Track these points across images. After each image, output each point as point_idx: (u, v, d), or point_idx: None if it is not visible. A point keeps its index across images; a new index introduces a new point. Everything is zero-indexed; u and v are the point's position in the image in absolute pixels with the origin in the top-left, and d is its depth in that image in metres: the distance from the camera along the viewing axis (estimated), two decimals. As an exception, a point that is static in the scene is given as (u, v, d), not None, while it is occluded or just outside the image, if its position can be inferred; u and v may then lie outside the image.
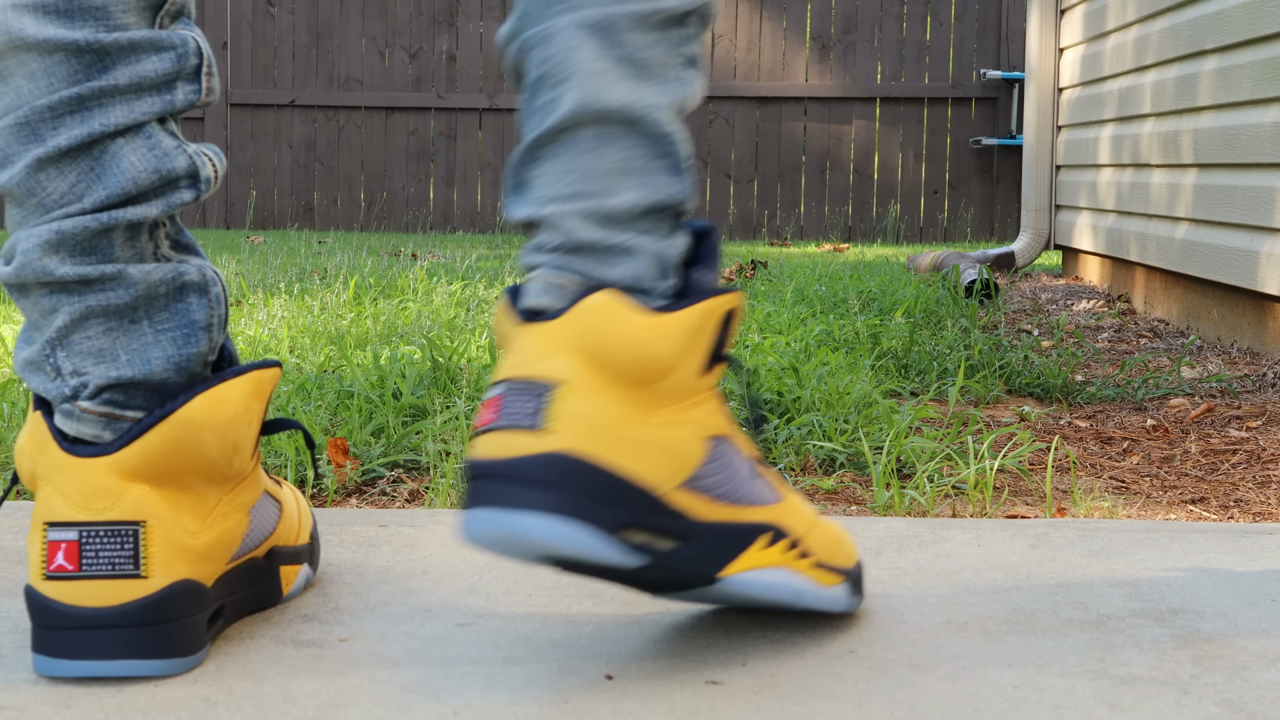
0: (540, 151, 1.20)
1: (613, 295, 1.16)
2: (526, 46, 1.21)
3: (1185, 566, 1.51)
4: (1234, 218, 3.58)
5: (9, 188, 1.19)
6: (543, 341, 1.15)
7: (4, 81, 1.18)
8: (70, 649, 1.16)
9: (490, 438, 1.14)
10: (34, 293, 1.21)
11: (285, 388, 2.51)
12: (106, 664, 1.16)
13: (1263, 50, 3.48)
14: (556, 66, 1.19)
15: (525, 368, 1.15)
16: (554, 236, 1.18)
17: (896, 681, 1.17)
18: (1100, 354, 3.55)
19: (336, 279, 4.71)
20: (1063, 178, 5.71)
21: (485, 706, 1.12)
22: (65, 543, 1.16)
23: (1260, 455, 2.36)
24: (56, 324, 1.20)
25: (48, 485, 1.17)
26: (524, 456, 1.12)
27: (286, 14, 9.26)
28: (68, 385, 1.20)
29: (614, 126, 1.19)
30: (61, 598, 1.16)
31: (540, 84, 1.20)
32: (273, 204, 9.32)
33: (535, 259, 1.19)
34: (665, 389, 1.17)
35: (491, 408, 1.15)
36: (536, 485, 1.11)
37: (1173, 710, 1.12)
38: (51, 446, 1.17)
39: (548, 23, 1.19)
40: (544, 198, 1.20)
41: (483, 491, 1.13)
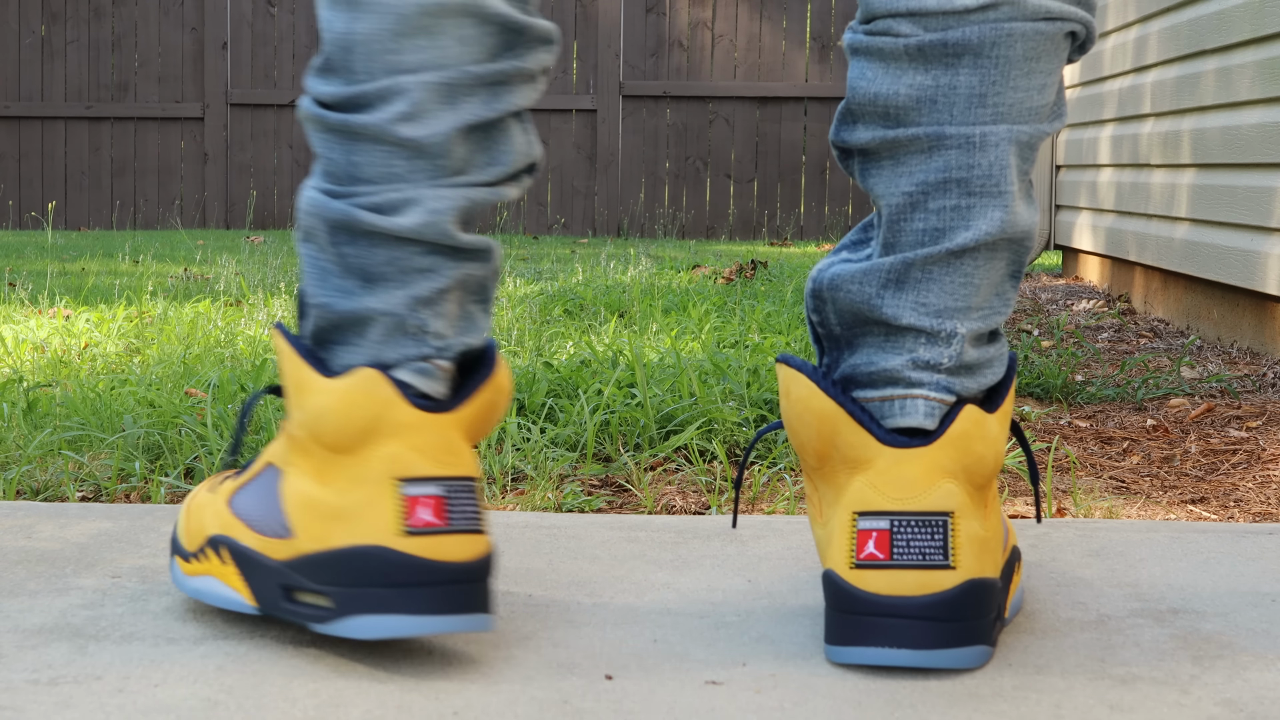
0: (942, 259, 1.21)
1: (975, 409, 1.21)
2: (942, 139, 1.20)
3: (1185, 566, 1.51)
4: (1234, 217, 3.58)
5: (424, 142, 1.18)
6: (929, 470, 1.18)
7: (431, 36, 1.18)
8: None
9: (894, 575, 1.18)
10: (409, 248, 1.19)
11: (285, 388, 2.51)
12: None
13: (1263, 50, 3.48)
14: (980, 177, 1.20)
15: (916, 501, 1.18)
16: (944, 355, 1.21)
17: (897, 682, 1.17)
18: (1100, 354, 3.55)
19: (337, 279, 4.70)
20: (1063, 178, 5.71)
21: (485, 706, 1.12)
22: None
23: (1260, 455, 2.36)
24: (431, 285, 1.19)
25: (397, 441, 1.16)
26: (939, 595, 1.17)
27: (286, 14, 9.26)
28: (429, 345, 1.20)
29: (1008, 246, 1.22)
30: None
31: (947, 186, 1.20)
32: (273, 204, 9.32)
33: (916, 375, 1.21)
34: (993, 482, 1.24)
35: (881, 542, 1.18)
36: (952, 621, 1.17)
37: (1173, 710, 1.12)
38: (399, 403, 1.16)
39: (978, 128, 1.20)
40: (935, 308, 1.21)
41: (894, 630, 1.17)
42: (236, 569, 1.24)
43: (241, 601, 1.24)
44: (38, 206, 9.20)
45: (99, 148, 9.22)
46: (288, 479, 1.22)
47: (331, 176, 1.21)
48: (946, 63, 1.19)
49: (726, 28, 9.15)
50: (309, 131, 1.22)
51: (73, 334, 3.41)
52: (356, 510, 1.17)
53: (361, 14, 1.18)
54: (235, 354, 3.04)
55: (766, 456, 2.21)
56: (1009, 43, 1.19)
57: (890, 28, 1.20)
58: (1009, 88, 1.20)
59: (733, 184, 9.21)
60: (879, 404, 1.21)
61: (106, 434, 2.22)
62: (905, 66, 1.20)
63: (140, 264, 5.84)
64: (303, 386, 1.19)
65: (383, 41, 1.17)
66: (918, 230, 1.21)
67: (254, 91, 9.25)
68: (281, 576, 1.21)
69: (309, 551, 1.19)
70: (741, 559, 1.53)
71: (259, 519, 1.24)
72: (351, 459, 1.17)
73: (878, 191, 1.23)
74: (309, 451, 1.19)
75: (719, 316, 3.71)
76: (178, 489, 2.03)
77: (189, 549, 1.30)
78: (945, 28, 1.19)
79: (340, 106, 1.19)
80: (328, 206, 1.19)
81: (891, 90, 1.20)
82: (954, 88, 1.19)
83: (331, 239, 1.19)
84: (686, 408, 2.35)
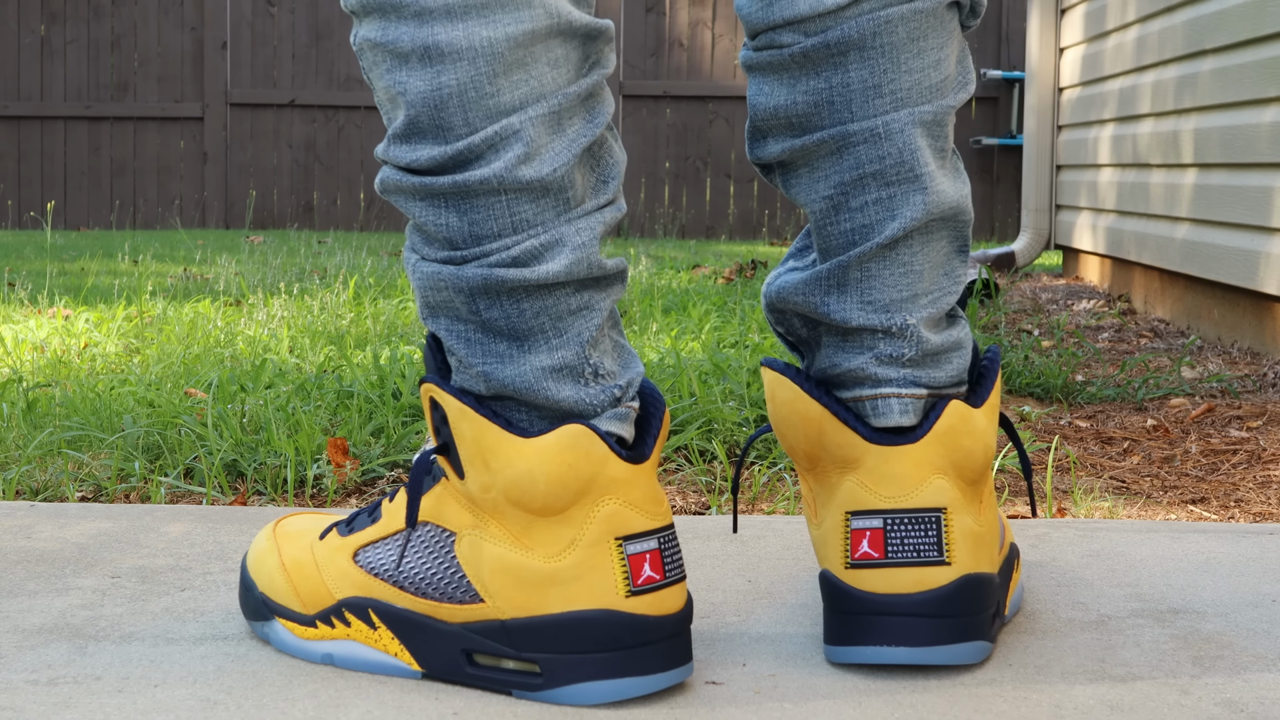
0: (876, 254, 1.20)
1: (960, 404, 1.20)
2: (847, 138, 1.19)
3: (1185, 566, 1.51)
4: (1234, 217, 3.58)
5: (549, 180, 1.11)
6: (918, 466, 1.18)
7: (526, 69, 1.11)
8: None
9: (889, 573, 1.17)
10: (560, 292, 1.13)
11: (285, 388, 2.51)
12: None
13: (1263, 50, 3.48)
14: (892, 166, 1.20)
15: (907, 498, 1.18)
16: (905, 347, 1.21)
17: (897, 682, 1.17)
18: (1100, 354, 3.55)
19: (336, 279, 4.71)
20: (1063, 178, 5.71)
21: (485, 706, 1.12)
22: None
23: (1261, 455, 2.36)
24: (592, 324, 1.14)
25: (612, 498, 1.11)
26: (935, 591, 1.17)
27: (286, 14, 9.26)
28: (609, 390, 1.15)
29: (942, 225, 1.22)
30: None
31: (864, 181, 1.20)
32: (272, 204, 9.32)
33: (883, 372, 1.20)
34: (987, 477, 1.23)
35: (875, 541, 1.18)
36: (950, 617, 1.17)
37: (1173, 710, 1.12)
38: (612, 458, 1.11)
39: (879, 118, 1.19)
40: (882, 303, 1.21)
41: (891, 628, 1.17)
42: (393, 633, 1.18)
43: (403, 667, 1.17)
44: (37, 206, 9.20)
45: (98, 147, 9.22)
46: (469, 542, 1.14)
47: (446, 243, 1.13)
48: (834, 62, 1.19)
49: (726, 28, 9.14)
50: (403, 201, 1.13)
51: (72, 334, 3.41)
52: (575, 575, 1.11)
53: (446, 66, 1.10)
54: (235, 354, 3.03)
55: (767, 456, 2.21)
56: (890, 29, 1.19)
57: (774, 40, 1.21)
58: (901, 72, 1.19)
59: (733, 184, 9.21)
60: (859, 404, 1.21)
61: (106, 434, 2.22)
62: (796, 74, 1.20)
63: (140, 264, 5.84)
64: (495, 450, 1.11)
65: (479, 87, 1.10)
66: (845, 230, 1.21)
67: (254, 91, 9.25)
68: (463, 641, 1.15)
69: (509, 618, 1.13)
70: (741, 559, 1.53)
71: (417, 582, 1.16)
72: (561, 521, 1.11)
73: (801, 200, 1.24)
74: (502, 515, 1.12)
75: (719, 316, 3.71)
76: (177, 489, 2.03)
77: (308, 613, 1.22)
78: (824, 29, 1.19)
79: (443, 169, 1.12)
80: (460, 276, 1.12)
81: (789, 100, 1.21)
82: (847, 85, 1.19)
83: (471, 307, 1.12)
84: (686, 408, 2.35)
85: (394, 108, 1.13)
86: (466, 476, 1.13)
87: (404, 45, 1.10)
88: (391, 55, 1.11)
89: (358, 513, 1.25)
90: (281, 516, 1.34)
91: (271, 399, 2.39)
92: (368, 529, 1.21)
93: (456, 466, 1.14)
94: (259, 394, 2.44)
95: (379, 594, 1.18)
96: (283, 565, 1.25)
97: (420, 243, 1.15)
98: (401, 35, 1.10)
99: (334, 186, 9.31)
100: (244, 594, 1.28)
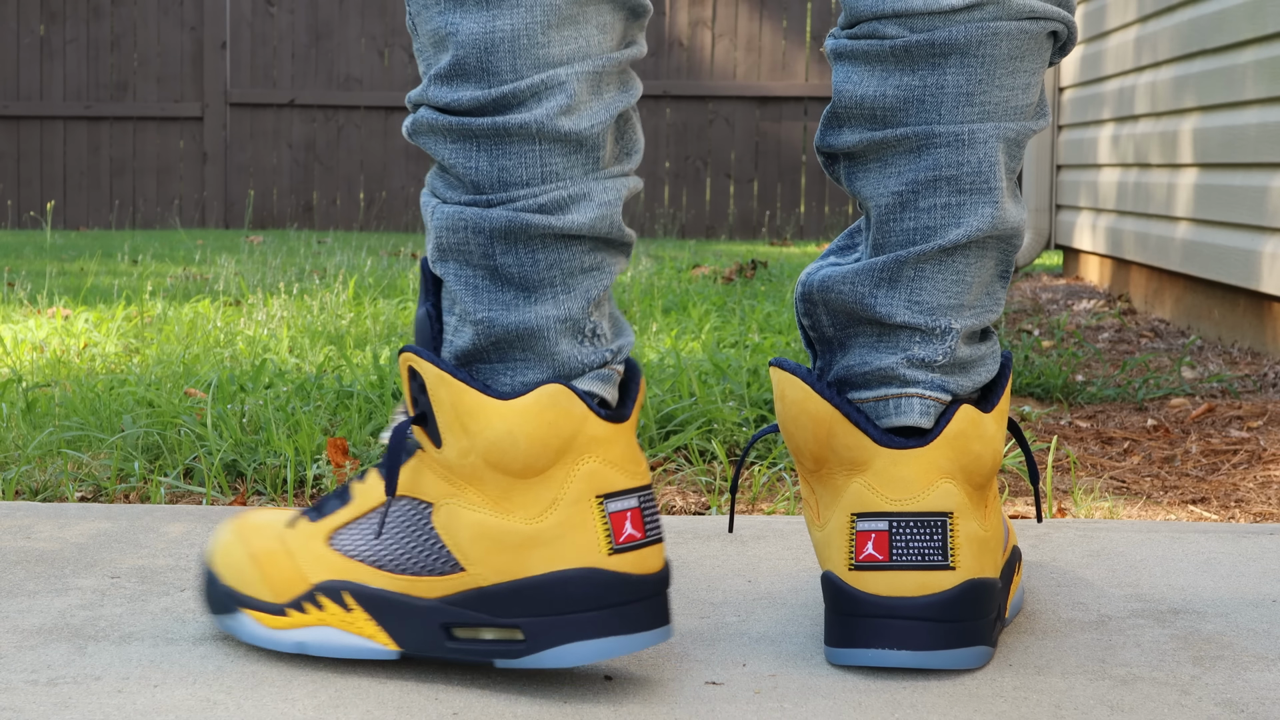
0: (934, 256, 1.21)
1: (971, 409, 1.20)
2: (931, 138, 1.20)
3: (1185, 566, 1.51)
4: (1234, 217, 3.58)
5: (585, 135, 1.13)
6: (927, 470, 1.18)
7: (577, 26, 1.13)
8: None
9: (893, 576, 1.17)
10: (577, 247, 1.14)
11: (285, 388, 2.51)
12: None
13: (1263, 50, 3.48)
14: (969, 174, 1.20)
15: (914, 501, 1.18)
16: (939, 352, 1.21)
17: (897, 682, 1.17)
18: (1101, 354, 3.54)
19: (336, 279, 4.71)
20: (1063, 177, 5.71)
21: (485, 706, 1.12)
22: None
23: (1261, 455, 2.36)
24: (600, 284, 1.15)
25: (592, 457, 1.12)
26: (938, 595, 1.17)
27: (286, 14, 9.26)
28: (604, 350, 1.16)
29: (996, 244, 1.23)
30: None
31: (937, 184, 1.20)
32: (272, 204, 9.31)
33: (911, 373, 1.21)
34: (993, 481, 1.23)
35: (880, 543, 1.18)
36: (952, 622, 1.17)
37: (1173, 711, 1.12)
38: (591, 417, 1.12)
39: (966, 125, 1.20)
40: (929, 305, 1.21)
41: (893, 631, 1.17)
42: (368, 614, 1.17)
43: (377, 648, 1.17)
44: (37, 206, 9.20)
45: (98, 147, 9.22)
46: (447, 511, 1.14)
47: (472, 186, 1.14)
48: (933, 63, 1.19)
49: (726, 27, 9.14)
50: (433, 143, 1.15)
51: (72, 334, 3.41)
52: (557, 534, 1.12)
53: (504, 10, 1.11)
54: (235, 354, 3.03)
55: (766, 457, 2.21)
56: (994, 41, 1.19)
57: (876, 30, 1.21)
58: (995, 86, 1.20)
59: (733, 184, 9.21)
60: (874, 404, 1.21)
61: (106, 434, 2.22)
62: (891, 68, 1.20)
63: (139, 264, 5.84)
64: (474, 413, 1.12)
65: (532, 35, 1.12)
66: (908, 229, 1.21)
67: (253, 91, 9.24)
68: (441, 615, 1.14)
69: (488, 584, 1.13)
70: (741, 559, 1.53)
71: (396, 558, 1.16)
72: (541, 482, 1.12)
73: (865, 193, 1.24)
74: (481, 480, 1.13)
75: (719, 316, 3.71)
76: (177, 489, 2.03)
77: (279, 602, 1.20)
78: (932, 28, 1.19)
79: (483, 110, 1.13)
80: (485, 216, 1.13)
81: (878, 92, 1.21)
82: (941, 87, 1.20)
83: (487, 250, 1.13)
84: (686, 408, 2.35)
85: (438, 50, 1.14)
86: (444, 444, 1.13)
87: None
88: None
89: (326, 498, 1.24)
90: (242, 512, 1.32)
91: (271, 399, 2.39)
92: (339, 511, 1.21)
93: (434, 435, 1.14)
94: (259, 394, 2.44)
95: (355, 575, 1.18)
96: (252, 555, 1.23)
97: (442, 186, 1.16)
98: None
99: (334, 186, 9.31)
100: (207, 588, 1.26)
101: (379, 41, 9.28)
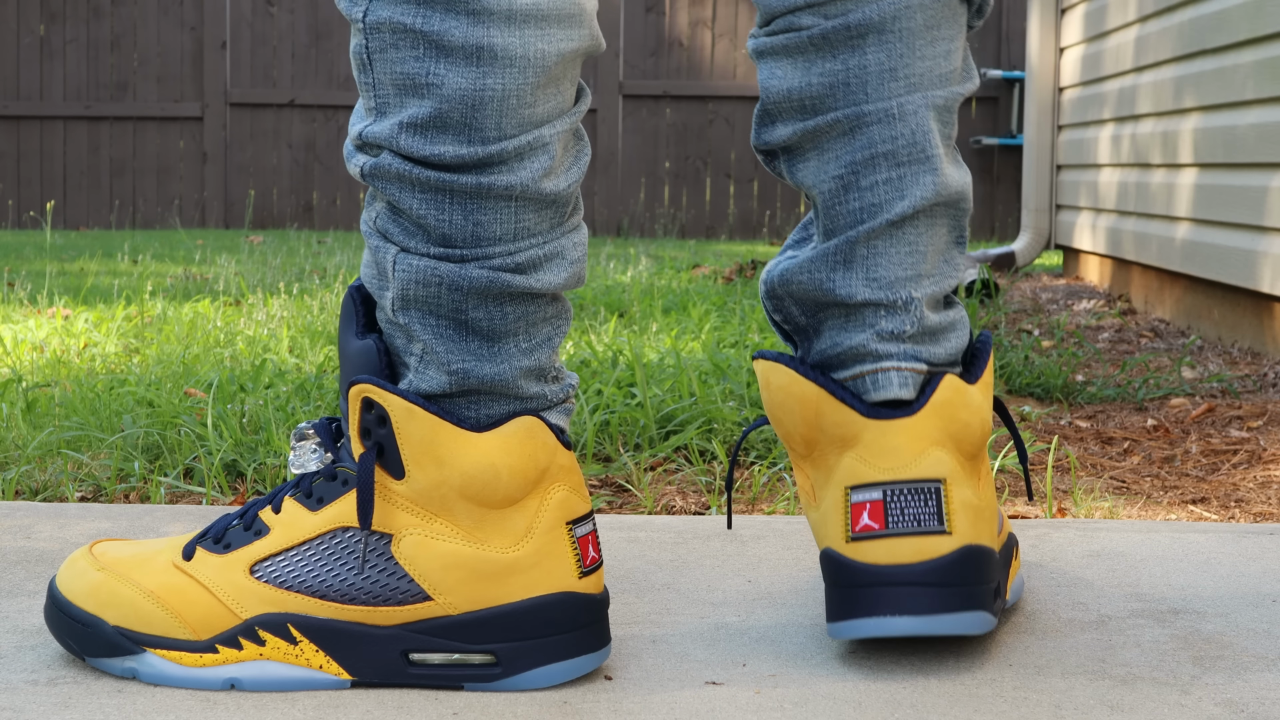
0: (884, 232, 1.22)
1: (955, 378, 1.22)
2: (861, 118, 1.22)
3: (1185, 566, 1.51)
4: (1234, 217, 3.58)
5: (562, 195, 1.15)
6: (916, 438, 1.19)
7: (558, 85, 1.14)
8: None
9: (890, 544, 1.18)
10: (540, 301, 1.16)
11: (285, 388, 2.51)
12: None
13: (1263, 50, 3.48)
14: (904, 147, 1.22)
15: (906, 469, 1.19)
16: (906, 323, 1.22)
17: (897, 682, 1.17)
18: (1101, 354, 3.54)
19: (336, 279, 4.70)
20: (1063, 177, 5.71)
21: (485, 706, 1.12)
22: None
23: (1261, 455, 2.36)
24: (560, 330, 1.18)
25: (562, 485, 1.15)
26: (936, 560, 1.17)
27: (286, 13, 9.26)
28: (564, 389, 1.20)
29: (945, 210, 1.24)
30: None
31: (875, 161, 1.22)
32: (272, 204, 9.32)
33: (884, 347, 1.22)
34: (984, 456, 1.24)
35: (875, 512, 1.18)
36: (952, 586, 1.17)
37: (1173, 711, 1.12)
38: (559, 447, 1.16)
39: (894, 100, 1.22)
40: (887, 280, 1.23)
41: (894, 598, 1.17)
42: (317, 646, 1.15)
43: (327, 679, 1.15)
44: (37, 206, 9.20)
45: (98, 147, 9.22)
46: (412, 542, 1.14)
47: (441, 238, 1.13)
48: (852, 45, 1.21)
49: (726, 27, 9.14)
50: (398, 191, 1.12)
51: (72, 334, 3.41)
52: (534, 562, 1.14)
53: (495, 69, 1.10)
54: (235, 354, 3.03)
55: (766, 456, 2.21)
56: (909, 15, 1.21)
57: (792, 23, 1.22)
58: (916, 57, 1.22)
59: (733, 184, 9.21)
60: (854, 382, 1.22)
61: (105, 434, 2.22)
62: (813, 57, 1.22)
63: (139, 264, 5.84)
64: (451, 445, 1.12)
65: (521, 96, 1.11)
66: (854, 209, 1.23)
67: (253, 91, 9.25)
68: (401, 643, 1.14)
69: (459, 612, 1.14)
70: (741, 559, 1.53)
71: (345, 589, 1.14)
72: (516, 511, 1.14)
73: (808, 183, 1.25)
74: (451, 511, 1.13)
75: (719, 316, 3.71)
76: (177, 489, 2.03)
77: (200, 638, 1.16)
78: (845, 11, 1.21)
79: (465, 167, 1.12)
80: (462, 274, 1.12)
81: (804, 82, 1.22)
82: (864, 67, 1.21)
83: (459, 305, 1.13)
84: (686, 408, 2.35)
85: (407, 96, 1.12)
86: (410, 476, 1.13)
87: (452, 39, 1.10)
88: (429, 45, 1.10)
89: (220, 528, 1.19)
90: (83, 548, 1.23)
91: (271, 399, 2.39)
92: (258, 543, 1.17)
93: (393, 468, 1.14)
94: (259, 394, 2.44)
95: (296, 607, 1.15)
96: (151, 593, 1.17)
97: (399, 233, 1.15)
98: (451, 29, 1.10)
99: (334, 186, 9.31)
100: (78, 633, 1.18)
101: (379, 41, 9.27)
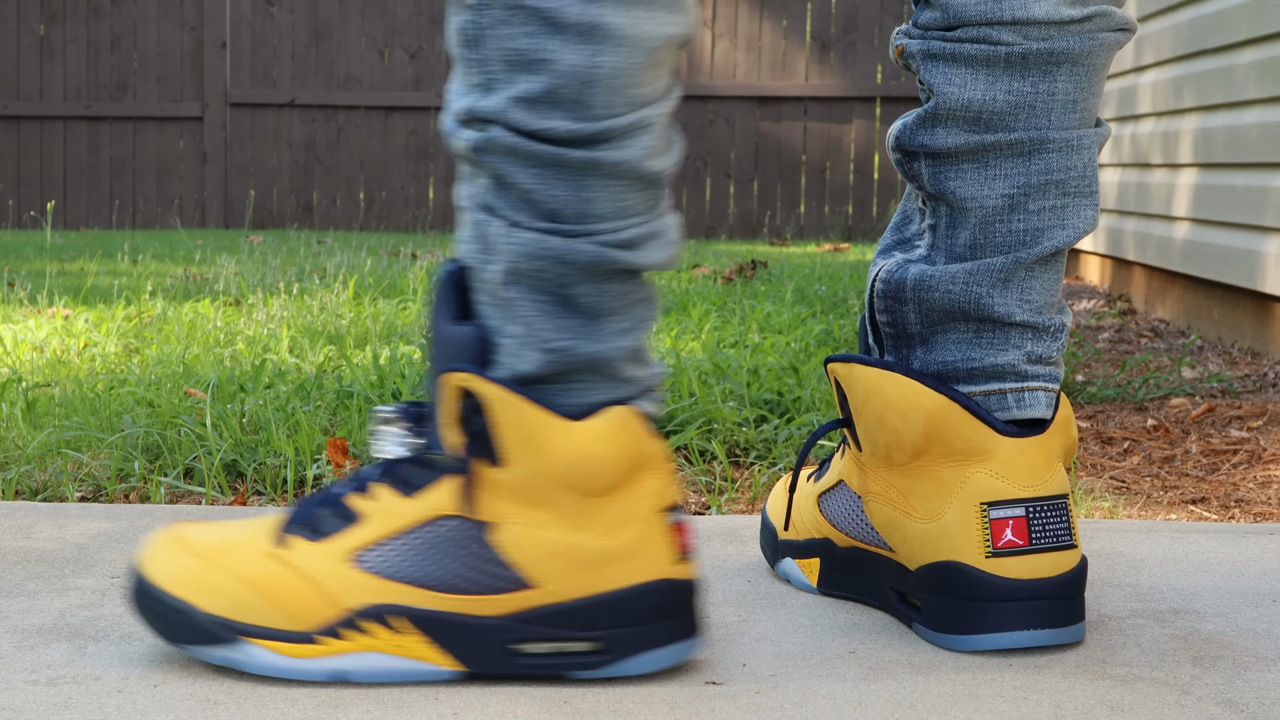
0: (1046, 257, 1.28)
1: (1064, 395, 1.29)
2: (1045, 143, 1.26)
3: (1185, 566, 1.51)
4: (1235, 217, 3.58)
5: (663, 175, 1.17)
6: (1050, 456, 1.26)
7: (660, 68, 1.15)
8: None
9: (1033, 559, 1.23)
10: (638, 280, 1.17)
11: (285, 388, 2.51)
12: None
13: (1263, 50, 3.48)
14: (1078, 179, 1.27)
15: (1045, 486, 1.25)
16: (1053, 349, 1.29)
17: (897, 682, 1.17)
18: (1101, 354, 3.54)
19: (336, 279, 4.70)
20: (1063, 177, 5.71)
21: (485, 706, 1.12)
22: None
23: (1261, 455, 2.36)
24: (653, 314, 1.19)
25: (652, 474, 1.16)
26: (1068, 573, 1.24)
27: (286, 13, 9.26)
28: (654, 372, 1.21)
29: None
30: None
31: (1047, 188, 1.26)
32: (272, 204, 9.32)
33: (1030, 368, 1.27)
34: None
35: (1019, 529, 1.23)
36: (1078, 598, 1.25)
37: (1173, 711, 1.12)
38: (650, 436, 1.16)
39: (1074, 131, 1.27)
40: (1037, 304, 1.29)
41: (1036, 612, 1.23)
42: (423, 636, 1.15)
43: (434, 670, 1.15)
44: (37, 206, 9.20)
45: (98, 147, 9.22)
46: (516, 531, 1.14)
47: (549, 213, 1.13)
48: (1045, 70, 1.25)
49: (726, 27, 9.14)
50: (508, 164, 1.13)
51: (72, 334, 3.41)
52: (633, 549, 1.16)
53: (607, 47, 1.11)
54: (235, 354, 3.03)
55: (766, 457, 2.21)
56: (1099, 52, 1.26)
57: (988, 35, 1.25)
58: (1091, 94, 1.27)
59: (733, 184, 9.21)
60: (984, 398, 1.27)
61: (106, 434, 2.22)
62: (1000, 73, 1.25)
63: (139, 264, 5.84)
64: (550, 434, 1.13)
65: (630, 75, 1.12)
66: (1018, 230, 1.26)
67: (253, 91, 9.24)
68: (506, 632, 1.15)
69: (563, 600, 1.15)
70: (741, 559, 1.53)
71: (446, 579, 1.15)
72: (611, 500, 1.15)
73: (962, 194, 1.27)
74: (552, 500, 1.14)
75: (719, 316, 3.71)
76: (177, 489, 2.03)
77: (303, 629, 1.16)
78: (1049, 37, 1.24)
79: (576, 142, 1.12)
80: (570, 249, 1.13)
81: (988, 96, 1.25)
82: (1053, 94, 1.25)
83: (564, 280, 1.14)
84: (686, 408, 2.35)
85: (518, 71, 1.12)
86: (509, 464, 1.14)
87: (567, 16, 1.11)
88: (543, 21, 1.11)
89: (308, 515, 1.19)
90: (168, 529, 1.23)
91: (271, 399, 2.39)
92: (354, 530, 1.17)
93: (491, 456, 1.14)
94: (259, 394, 2.44)
95: (400, 598, 1.15)
96: (249, 581, 1.17)
97: (505, 207, 1.14)
98: (564, 6, 1.11)
99: (334, 186, 9.30)
100: (169, 618, 1.18)
101: (379, 41, 9.28)
